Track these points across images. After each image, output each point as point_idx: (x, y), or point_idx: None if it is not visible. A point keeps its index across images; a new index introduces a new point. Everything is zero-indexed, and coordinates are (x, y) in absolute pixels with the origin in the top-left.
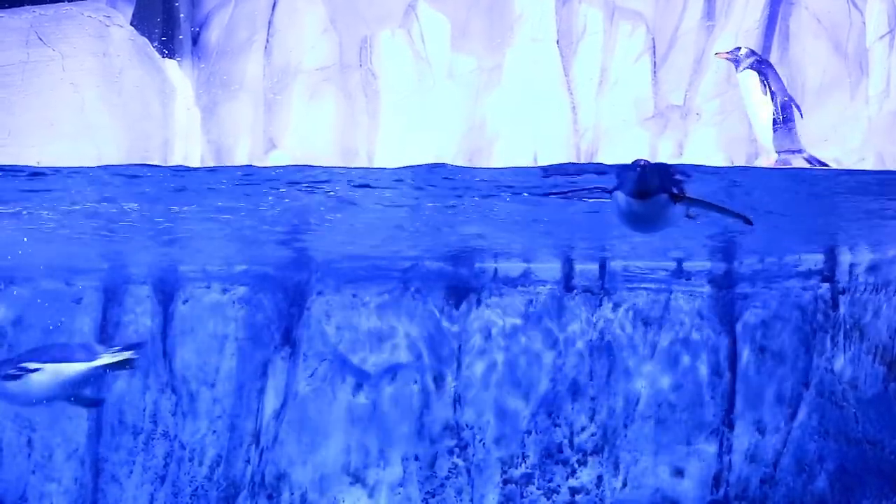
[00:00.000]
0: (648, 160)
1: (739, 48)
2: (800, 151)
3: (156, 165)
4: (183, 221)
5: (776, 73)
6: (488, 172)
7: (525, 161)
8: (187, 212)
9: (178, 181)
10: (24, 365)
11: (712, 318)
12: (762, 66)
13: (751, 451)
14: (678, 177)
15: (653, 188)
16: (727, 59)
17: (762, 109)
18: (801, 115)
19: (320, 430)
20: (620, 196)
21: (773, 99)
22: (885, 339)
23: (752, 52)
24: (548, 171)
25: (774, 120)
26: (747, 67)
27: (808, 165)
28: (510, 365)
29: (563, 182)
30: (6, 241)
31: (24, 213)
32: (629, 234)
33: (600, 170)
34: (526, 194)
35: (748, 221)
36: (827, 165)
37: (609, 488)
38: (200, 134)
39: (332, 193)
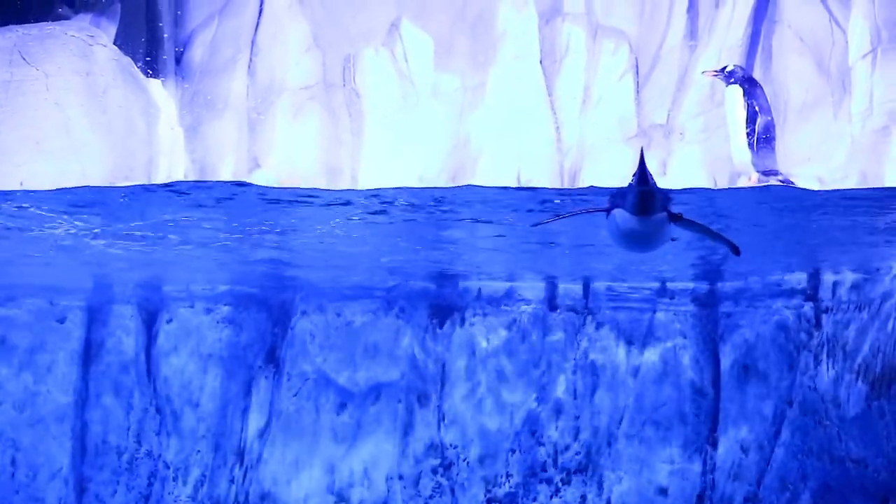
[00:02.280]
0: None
1: (726, 66)
2: (776, 173)
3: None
4: None
5: (762, 91)
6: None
7: (509, 180)
8: None
9: None
10: None
11: (696, 337)
12: (748, 83)
13: (734, 469)
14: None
15: (654, 206)
16: (715, 76)
17: (743, 127)
18: (776, 137)
19: (304, 450)
20: (620, 213)
21: (756, 117)
22: (868, 357)
23: (741, 69)
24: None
25: (757, 139)
26: (735, 83)
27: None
28: (494, 384)
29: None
30: None
31: None
32: (620, 253)
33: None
34: None
35: (736, 251)
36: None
37: None
38: (184, 153)
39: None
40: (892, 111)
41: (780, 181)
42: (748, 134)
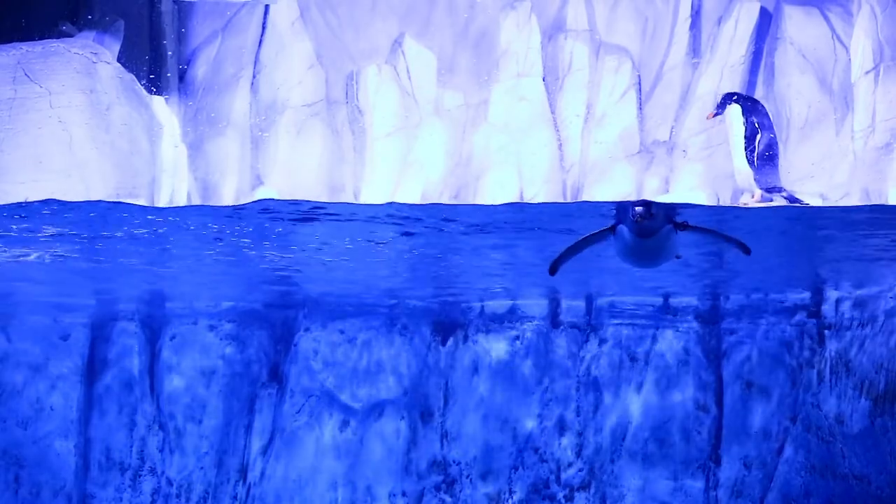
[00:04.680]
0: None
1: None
2: (780, 190)
3: None
4: None
5: (763, 108)
6: None
7: (511, 196)
8: None
9: None
10: None
11: (698, 354)
12: (748, 101)
13: (737, 486)
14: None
15: (655, 225)
16: (717, 115)
17: (743, 145)
18: (779, 154)
19: (307, 467)
20: (624, 230)
21: (756, 134)
22: (871, 374)
23: (736, 95)
24: None
25: (758, 156)
26: (734, 101)
27: (786, 203)
28: (497, 400)
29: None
30: None
31: None
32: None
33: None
34: None
35: (746, 250)
36: (804, 203)
37: None
38: (187, 171)
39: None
40: (894, 128)
41: (785, 198)
42: (748, 152)
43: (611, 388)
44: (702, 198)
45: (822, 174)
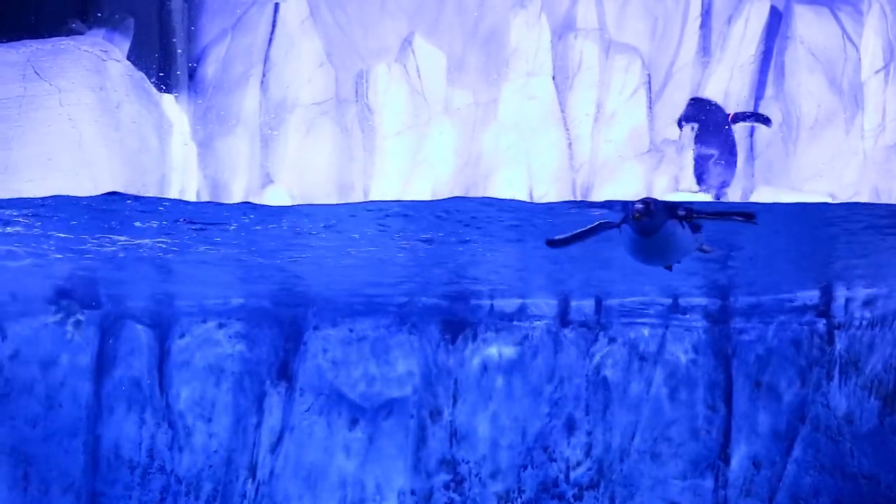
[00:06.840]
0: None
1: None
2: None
3: None
4: None
5: (715, 106)
6: None
7: (521, 195)
8: None
9: None
10: None
11: (708, 353)
12: (693, 109)
13: (746, 485)
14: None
15: (655, 224)
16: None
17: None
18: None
19: (316, 465)
20: (629, 231)
21: (700, 136)
22: (880, 373)
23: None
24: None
25: (709, 157)
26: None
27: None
28: (506, 399)
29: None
30: None
31: None
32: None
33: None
34: None
35: (752, 220)
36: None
37: None
38: (197, 169)
39: None
40: None
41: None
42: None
43: (620, 388)
44: (710, 196)
45: (831, 173)
